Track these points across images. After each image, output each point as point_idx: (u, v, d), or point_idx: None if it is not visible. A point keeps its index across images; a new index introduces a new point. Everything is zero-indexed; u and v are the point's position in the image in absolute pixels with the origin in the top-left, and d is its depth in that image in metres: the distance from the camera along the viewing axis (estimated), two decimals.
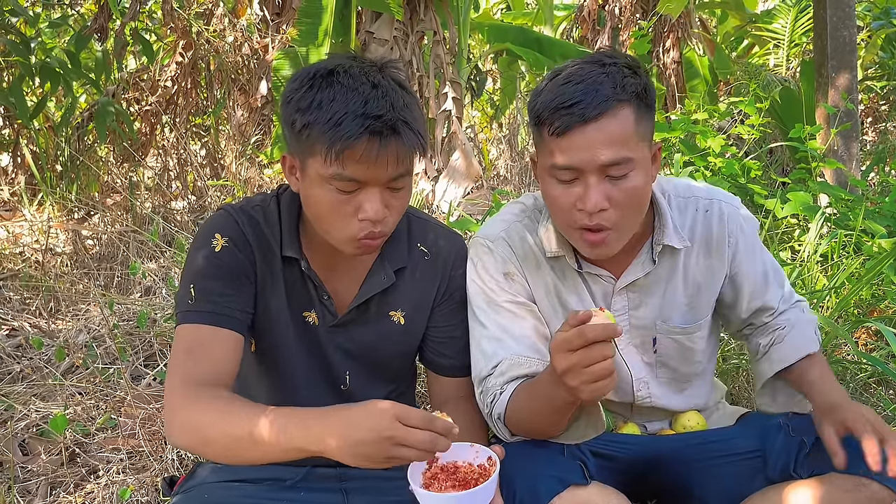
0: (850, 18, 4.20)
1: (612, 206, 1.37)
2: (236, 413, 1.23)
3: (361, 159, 1.26)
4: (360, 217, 1.32)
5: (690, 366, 1.64)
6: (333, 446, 1.12)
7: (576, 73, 1.37)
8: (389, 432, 1.09)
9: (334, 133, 1.25)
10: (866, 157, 5.93)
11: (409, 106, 1.31)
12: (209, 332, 1.36)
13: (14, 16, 4.82)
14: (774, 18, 7.93)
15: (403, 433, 1.09)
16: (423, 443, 1.10)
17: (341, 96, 1.26)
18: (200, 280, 1.39)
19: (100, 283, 3.75)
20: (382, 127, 1.26)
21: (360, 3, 5.43)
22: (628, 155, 1.35)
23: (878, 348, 2.73)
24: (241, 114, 5.72)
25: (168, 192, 5.22)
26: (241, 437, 1.20)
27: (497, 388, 1.45)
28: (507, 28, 7.14)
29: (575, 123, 1.33)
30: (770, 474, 1.49)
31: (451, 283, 1.58)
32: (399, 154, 1.29)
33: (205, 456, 1.31)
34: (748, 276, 1.60)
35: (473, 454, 1.30)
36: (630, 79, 1.36)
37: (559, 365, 1.20)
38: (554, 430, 1.41)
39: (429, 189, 5.57)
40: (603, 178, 1.36)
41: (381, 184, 1.31)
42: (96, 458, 2.24)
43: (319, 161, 1.28)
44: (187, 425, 1.27)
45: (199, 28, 5.42)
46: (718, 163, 3.63)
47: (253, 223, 1.45)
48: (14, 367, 2.80)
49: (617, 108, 1.33)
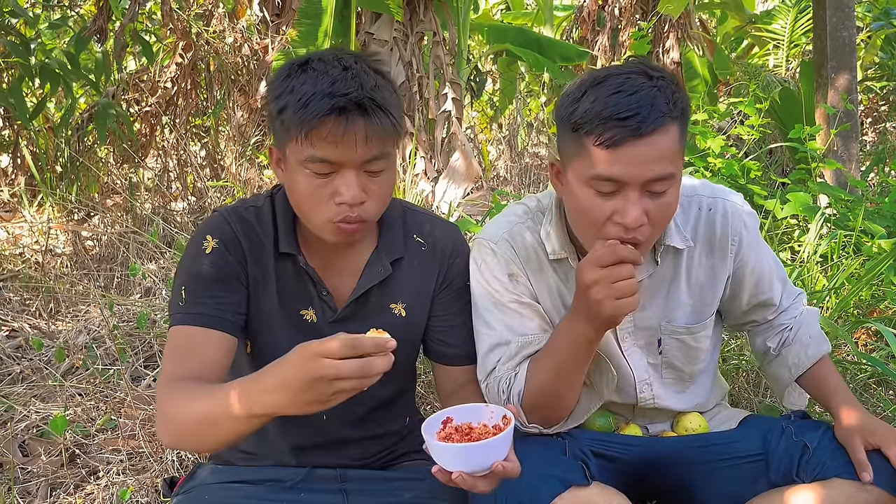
0: (849, 19, 4.21)
1: (649, 221, 1.35)
2: (196, 397, 1.24)
3: (329, 137, 1.28)
4: (336, 201, 1.33)
5: (695, 365, 1.64)
6: (281, 404, 1.12)
7: (626, 84, 1.31)
8: (319, 372, 1.07)
9: (303, 113, 1.28)
10: (866, 157, 5.94)
11: (381, 87, 1.33)
12: (198, 333, 1.37)
13: (14, 17, 4.82)
14: (774, 19, 7.93)
15: (333, 369, 1.07)
16: (356, 371, 1.07)
17: (311, 79, 1.30)
18: (191, 282, 1.40)
19: (100, 284, 3.75)
20: (347, 103, 1.27)
21: (359, 4, 5.43)
22: (673, 171, 1.33)
23: (878, 349, 2.73)
24: (240, 115, 5.72)
25: (168, 193, 5.22)
26: (201, 420, 1.21)
27: (511, 372, 1.46)
28: (506, 29, 7.14)
29: (629, 137, 1.29)
30: (772, 478, 1.49)
31: (450, 272, 1.59)
32: (368, 133, 1.30)
33: (191, 448, 1.33)
34: (750, 270, 1.61)
35: (489, 415, 1.28)
36: (678, 94, 1.34)
37: (587, 277, 1.27)
38: (571, 393, 1.41)
39: (429, 190, 5.56)
40: (644, 194, 1.34)
41: (355, 165, 1.32)
42: (96, 459, 2.24)
43: (295, 145, 1.31)
44: (163, 420, 1.29)
45: (198, 29, 5.42)
46: (718, 163, 3.63)
47: (245, 225, 1.45)
48: (14, 368, 2.80)
49: (669, 124, 1.31)
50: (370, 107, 1.29)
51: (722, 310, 1.68)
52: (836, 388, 1.58)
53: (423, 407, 2.43)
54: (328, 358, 1.07)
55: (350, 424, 1.56)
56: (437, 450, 1.19)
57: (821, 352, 1.63)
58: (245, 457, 1.57)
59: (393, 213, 1.55)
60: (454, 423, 1.27)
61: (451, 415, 1.28)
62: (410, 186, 5.23)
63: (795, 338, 1.65)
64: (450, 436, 1.24)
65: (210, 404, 1.21)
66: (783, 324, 1.68)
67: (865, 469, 1.37)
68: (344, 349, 1.07)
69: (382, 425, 1.60)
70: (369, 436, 1.58)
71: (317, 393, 1.09)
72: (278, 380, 1.11)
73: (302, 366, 1.09)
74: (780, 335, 1.67)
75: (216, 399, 1.19)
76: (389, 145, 1.36)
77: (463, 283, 1.59)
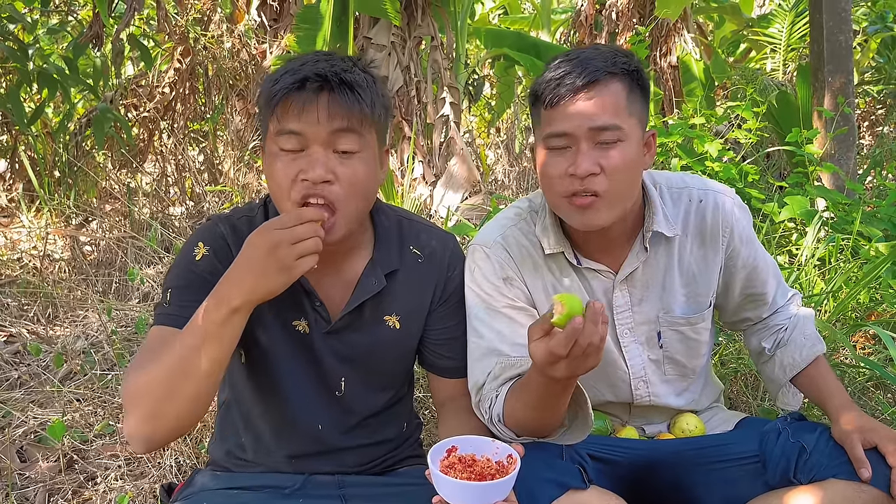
0: (845, 23, 4.21)
1: (603, 172, 1.41)
2: (155, 356, 1.27)
3: (292, 108, 1.32)
4: (300, 177, 1.33)
5: (696, 359, 1.66)
6: (249, 287, 1.21)
7: (571, 53, 1.46)
8: (274, 241, 1.19)
9: (272, 89, 1.33)
10: (863, 160, 5.95)
11: (353, 72, 1.35)
12: (175, 333, 1.32)
13: (12, 22, 4.82)
14: (771, 23, 7.97)
15: (287, 235, 1.19)
16: (308, 231, 1.20)
17: (289, 66, 1.35)
18: (177, 286, 1.41)
19: (98, 289, 3.75)
20: (313, 77, 1.32)
21: (357, 9, 5.43)
22: (618, 123, 1.40)
23: (876, 352, 2.73)
24: (239, 119, 5.72)
25: (166, 198, 5.22)
26: (169, 372, 1.23)
27: (493, 392, 1.45)
28: (504, 33, 7.15)
29: (567, 93, 1.40)
30: (770, 479, 1.49)
31: (448, 285, 1.58)
32: (331, 106, 1.32)
33: (169, 428, 1.27)
34: (742, 263, 1.63)
35: (493, 450, 1.29)
36: (622, 58, 1.44)
37: (553, 374, 1.22)
38: (554, 419, 1.39)
39: (427, 194, 5.57)
40: (594, 145, 1.41)
41: (321, 142, 1.33)
42: (94, 464, 2.24)
43: (269, 126, 1.35)
44: (126, 405, 1.28)
45: (196, 34, 5.43)
46: (716, 167, 3.63)
47: (237, 234, 1.45)
48: (12, 373, 2.80)
49: (607, 79, 1.41)
50: (334, 81, 1.32)
51: (717, 305, 1.70)
52: (832, 388, 1.59)
53: (421, 412, 2.43)
54: (282, 230, 1.19)
55: (346, 432, 1.55)
56: (439, 480, 1.21)
57: (815, 352, 1.65)
58: (242, 464, 1.57)
59: (389, 224, 1.55)
60: (458, 452, 1.28)
61: (457, 444, 1.29)
62: (408, 191, 5.23)
63: (790, 338, 1.67)
64: (452, 465, 1.25)
65: (173, 348, 1.24)
66: (778, 324, 1.70)
67: (864, 466, 1.37)
68: (291, 219, 1.21)
69: (379, 432, 1.60)
70: (366, 443, 1.58)
71: (279, 263, 1.19)
72: (240, 266, 1.22)
73: (258, 244, 1.20)
74: (775, 335, 1.70)
75: (181, 339, 1.24)
76: (357, 123, 1.34)
77: (461, 297, 1.59)
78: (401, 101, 5.68)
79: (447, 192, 5.55)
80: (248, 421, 1.55)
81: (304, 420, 1.52)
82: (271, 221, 1.22)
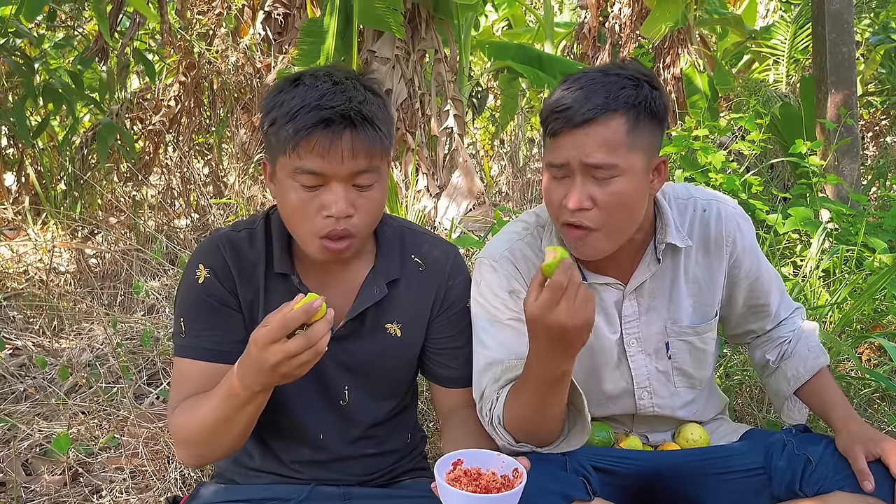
0: (848, 34, 4.23)
1: (596, 206, 1.41)
2: (198, 405, 1.36)
3: (316, 149, 1.30)
4: (323, 214, 1.34)
5: (703, 369, 1.66)
6: (267, 381, 1.25)
7: (577, 80, 1.43)
8: (272, 360, 1.19)
9: (291, 126, 1.30)
10: (867, 171, 5.95)
11: (369, 102, 1.34)
12: (198, 366, 1.44)
13: (18, 37, 4.86)
14: (773, 34, 7.99)
15: (282, 354, 1.19)
16: (302, 347, 1.19)
17: (301, 94, 1.32)
18: (188, 314, 1.46)
19: (103, 301, 3.76)
20: (334, 115, 1.29)
21: (361, 23, 5.46)
22: (614, 161, 1.39)
23: (882, 364, 2.73)
24: (243, 132, 5.76)
25: (171, 211, 5.24)
26: (213, 420, 1.33)
27: (494, 395, 1.45)
28: (508, 46, 7.19)
29: (563, 127, 1.40)
30: (775, 492, 1.49)
31: (449, 294, 1.59)
32: (354, 145, 1.31)
33: (217, 456, 1.43)
34: (745, 273, 1.64)
35: (499, 464, 1.30)
36: (628, 90, 1.40)
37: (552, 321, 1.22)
38: (552, 421, 1.39)
39: (430, 206, 5.58)
40: (589, 179, 1.41)
41: (342, 178, 1.33)
42: (99, 477, 2.24)
43: (284, 158, 1.33)
44: (179, 443, 1.42)
45: (201, 48, 5.46)
46: (719, 178, 3.64)
47: (236, 250, 1.47)
48: (17, 386, 2.80)
49: (606, 118, 1.38)
50: (357, 119, 1.31)
51: (721, 317, 1.70)
52: (836, 400, 1.59)
53: (426, 424, 2.43)
54: (274, 343, 1.18)
55: (349, 443, 1.56)
56: (446, 492, 1.21)
57: (819, 364, 1.65)
58: (250, 473, 1.57)
59: (391, 234, 1.56)
60: (464, 465, 1.29)
61: (463, 457, 1.30)
62: (412, 203, 5.24)
63: (794, 351, 1.67)
64: (458, 478, 1.26)
65: (215, 403, 1.33)
66: (782, 336, 1.71)
67: (867, 478, 1.37)
68: (281, 331, 1.18)
69: (384, 443, 1.60)
70: (371, 453, 1.58)
71: (279, 376, 1.22)
72: (251, 369, 1.24)
73: (259, 358, 1.21)
74: (779, 348, 1.70)
75: (217, 397, 1.32)
76: (377, 159, 1.36)
77: (463, 306, 1.59)
78: (405, 113, 5.71)
79: (451, 204, 5.57)
80: (254, 429, 1.56)
81: (307, 429, 1.53)
82: (263, 338, 1.20)
